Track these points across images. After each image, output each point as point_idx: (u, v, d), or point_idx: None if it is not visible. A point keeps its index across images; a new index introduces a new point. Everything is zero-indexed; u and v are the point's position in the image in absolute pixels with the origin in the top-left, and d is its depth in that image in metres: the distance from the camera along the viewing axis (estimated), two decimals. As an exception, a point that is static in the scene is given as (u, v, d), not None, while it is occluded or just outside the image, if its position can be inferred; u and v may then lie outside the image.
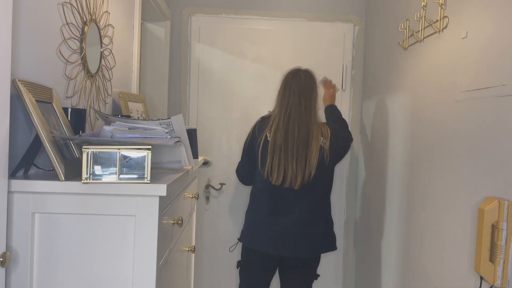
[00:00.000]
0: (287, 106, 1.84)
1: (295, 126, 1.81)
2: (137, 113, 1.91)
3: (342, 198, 2.79)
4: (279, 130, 1.82)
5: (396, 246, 2.00)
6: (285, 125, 1.82)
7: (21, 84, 1.02)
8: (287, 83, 1.89)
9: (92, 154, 1.01)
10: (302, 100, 1.83)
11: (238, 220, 2.70)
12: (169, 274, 1.31)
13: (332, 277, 2.81)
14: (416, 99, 1.81)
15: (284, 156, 1.80)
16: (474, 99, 1.33)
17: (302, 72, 1.92)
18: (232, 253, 2.25)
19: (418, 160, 1.77)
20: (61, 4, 1.29)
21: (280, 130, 1.82)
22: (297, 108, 1.83)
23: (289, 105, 1.84)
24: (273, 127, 1.85)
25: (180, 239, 1.51)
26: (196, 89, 2.71)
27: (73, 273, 1.05)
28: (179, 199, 1.44)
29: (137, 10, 2.05)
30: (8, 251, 0.98)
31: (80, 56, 1.42)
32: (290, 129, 1.81)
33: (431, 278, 1.61)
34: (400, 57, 2.01)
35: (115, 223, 1.05)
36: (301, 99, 1.83)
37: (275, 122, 1.85)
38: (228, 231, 2.72)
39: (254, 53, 2.71)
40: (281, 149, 1.81)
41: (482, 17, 1.31)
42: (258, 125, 1.94)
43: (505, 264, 1.12)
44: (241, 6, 2.70)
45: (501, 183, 1.17)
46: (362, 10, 2.72)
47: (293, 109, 1.83)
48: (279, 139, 1.81)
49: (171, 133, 1.20)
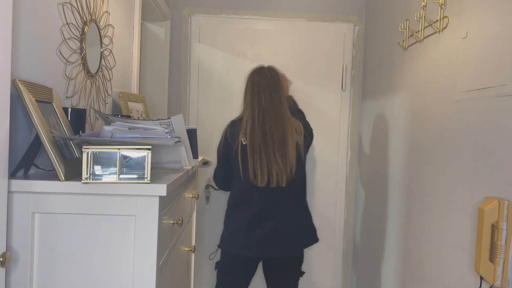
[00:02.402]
0: (259, 105, 1.79)
1: (272, 124, 1.76)
2: (137, 113, 1.91)
3: (342, 198, 2.79)
4: (255, 131, 1.77)
5: (396, 246, 2.00)
6: (261, 125, 1.76)
7: (21, 84, 1.02)
8: (254, 81, 1.83)
9: (92, 154, 1.01)
10: (274, 96, 1.79)
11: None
12: (169, 274, 1.31)
13: (331, 277, 2.81)
14: (416, 99, 1.81)
15: (265, 156, 1.76)
16: (474, 99, 1.33)
17: (266, 69, 1.87)
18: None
19: (418, 160, 1.77)
20: (61, 4, 1.29)
21: (256, 130, 1.77)
22: (270, 105, 1.78)
23: (261, 103, 1.78)
24: (248, 129, 1.78)
25: (180, 239, 1.51)
26: (196, 89, 2.72)
27: (73, 273, 1.05)
28: (179, 199, 1.44)
29: (137, 10, 2.05)
30: (8, 251, 0.98)
31: (80, 56, 1.42)
32: (267, 128, 1.76)
33: (431, 278, 1.61)
34: (400, 57, 2.01)
35: (115, 223, 1.05)
36: (272, 95, 1.79)
37: (248, 124, 1.79)
38: (228, 231, 2.71)
39: (254, 53, 2.71)
40: (261, 150, 1.76)
41: (482, 17, 1.31)
42: (230, 131, 1.86)
43: (505, 264, 1.12)
44: (241, 6, 2.70)
45: (501, 183, 1.17)
46: (362, 10, 2.72)
47: (266, 107, 1.78)
48: (257, 140, 1.76)
49: (171, 133, 1.20)
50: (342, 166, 2.78)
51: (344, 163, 2.78)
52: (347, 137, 2.77)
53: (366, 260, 2.49)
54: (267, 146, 1.77)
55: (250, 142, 1.78)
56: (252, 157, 1.77)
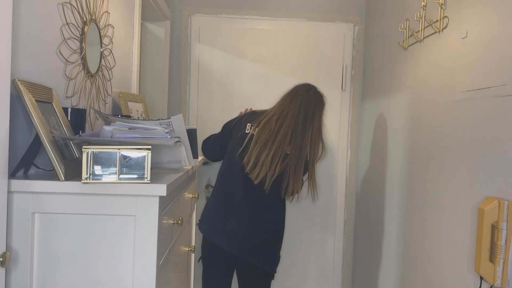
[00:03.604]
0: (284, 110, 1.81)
1: (288, 132, 1.77)
2: (137, 113, 1.91)
3: (342, 198, 2.79)
4: (269, 126, 1.78)
5: (396, 246, 2.00)
6: (278, 125, 1.78)
7: (21, 84, 1.02)
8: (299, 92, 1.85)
9: (92, 154, 1.01)
10: (302, 113, 1.79)
11: (238, 220, 2.69)
12: (169, 274, 1.31)
13: (331, 277, 2.81)
14: (416, 99, 1.81)
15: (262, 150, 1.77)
16: (474, 99, 1.33)
17: (314, 90, 1.88)
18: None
19: (418, 160, 1.77)
20: (61, 4, 1.29)
21: (271, 126, 1.78)
22: (294, 117, 1.79)
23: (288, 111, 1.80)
24: (262, 122, 1.80)
25: (180, 239, 1.51)
26: (196, 89, 2.72)
27: (73, 273, 1.05)
28: (179, 199, 1.44)
29: (137, 10, 2.05)
30: (8, 251, 0.98)
31: (80, 56, 1.42)
32: (281, 132, 1.77)
33: (431, 278, 1.61)
34: (400, 57, 2.01)
35: (115, 223, 1.05)
36: (300, 111, 1.79)
37: (267, 117, 1.81)
38: (228, 231, 2.71)
39: (254, 53, 2.71)
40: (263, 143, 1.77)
41: (482, 17, 1.31)
42: (248, 116, 1.90)
43: (505, 264, 1.12)
44: (241, 6, 2.70)
45: (501, 183, 1.17)
46: (362, 10, 2.72)
47: (289, 116, 1.79)
48: (266, 134, 1.78)
49: (171, 133, 1.20)
50: (342, 166, 2.78)
51: (344, 163, 2.78)
52: (347, 137, 2.77)
53: (366, 259, 2.49)
54: (273, 143, 1.77)
55: (258, 133, 1.79)
56: (254, 146, 1.78)
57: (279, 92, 1.88)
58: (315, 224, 2.79)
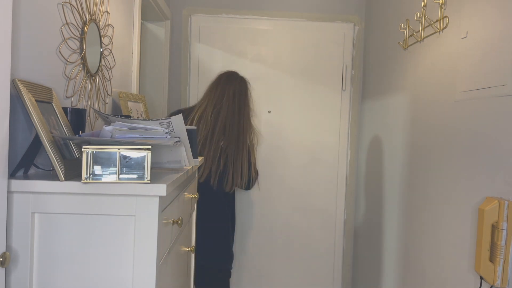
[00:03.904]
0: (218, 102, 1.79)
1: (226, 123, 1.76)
2: (137, 113, 1.91)
3: (342, 198, 2.79)
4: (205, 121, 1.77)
5: (396, 246, 2.00)
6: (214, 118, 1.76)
7: (21, 84, 1.02)
8: (221, 80, 1.85)
9: (92, 154, 1.01)
10: (236, 101, 1.80)
11: (238, 220, 2.70)
12: (169, 274, 1.31)
13: (331, 277, 2.81)
14: (416, 99, 1.81)
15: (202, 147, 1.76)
16: (474, 99, 1.33)
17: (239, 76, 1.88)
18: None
19: (418, 159, 1.77)
20: (61, 4, 1.28)
21: (207, 121, 1.76)
22: (230, 107, 1.78)
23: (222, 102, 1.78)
24: (195, 118, 1.79)
25: (180, 239, 1.51)
26: (196, 89, 2.71)
27: (73, 273, 1.05)
28: (179, 199, 1.44)
29: (137, 10, 2.04)
30: (8, 251, 0.98)
31: (80, 56, 1.42)
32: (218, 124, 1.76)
33: (431, 278, 1.61)
34: (400, 57, 2.01)
35: (115, 223, 1.05)
36: (235, 99, 1.79)
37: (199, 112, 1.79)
38: (228, 231, 2.71)
39: (254, 53, 2.71)
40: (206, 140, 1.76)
41: (482, 17, 1.31)
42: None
43: (505, 264, 1.12)
44: (241, 6, 2.70)
45: (501, 183, 1.17)
46: (362, 10, 2.72)
47: (224, 107, 1.78)
48: (204, 130, 1.77)
49: (171, 133, 1.19)
50: (342, 166, 2.78)
51: (344, 163, 2.78)
52: (347, 137, 2.77)
53: (366, 260, 2.49)
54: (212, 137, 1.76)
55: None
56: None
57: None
58: (315, 224, 2.79)
